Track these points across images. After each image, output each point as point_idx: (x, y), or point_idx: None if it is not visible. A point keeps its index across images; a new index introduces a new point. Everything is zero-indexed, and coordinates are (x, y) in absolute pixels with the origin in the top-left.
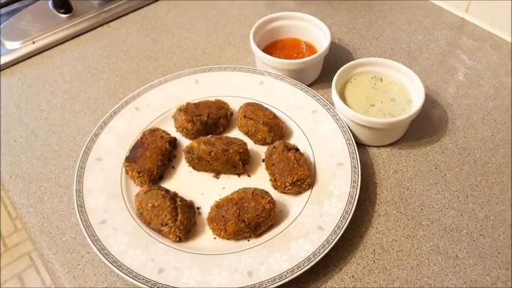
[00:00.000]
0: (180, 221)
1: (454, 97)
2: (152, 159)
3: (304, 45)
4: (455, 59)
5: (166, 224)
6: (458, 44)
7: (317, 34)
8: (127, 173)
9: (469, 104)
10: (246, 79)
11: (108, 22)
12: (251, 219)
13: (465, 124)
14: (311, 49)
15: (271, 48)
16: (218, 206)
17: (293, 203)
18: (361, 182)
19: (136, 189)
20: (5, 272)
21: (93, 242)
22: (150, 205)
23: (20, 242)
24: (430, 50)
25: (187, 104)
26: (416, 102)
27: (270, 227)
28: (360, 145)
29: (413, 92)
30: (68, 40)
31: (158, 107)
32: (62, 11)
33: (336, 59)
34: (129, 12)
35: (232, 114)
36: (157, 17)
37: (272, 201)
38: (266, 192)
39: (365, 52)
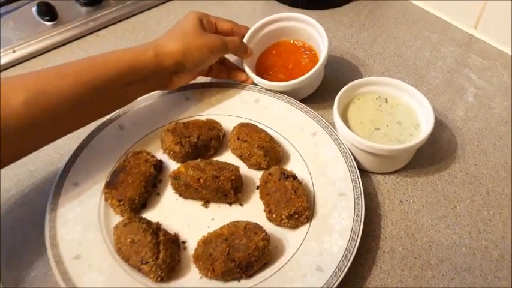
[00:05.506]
0: (162, 259)
1: (463, 120)
2: (134, 186)
3: (301, 43)
4: (464, 78)
5: (146, 262)
6: (467, 62)
7: (313, 34)
8: (106, 200)
9: (479, 128)
10: (240, 97)
11: (96, 31)
12: (242, 259)
13: (476, 150)
14: (309, 49)
15: (268, 53)
16: (206, 242)
17: (289, 238)
18: (364, 215)
19: (116, 218)
20: None
21: (64, 281)
22: (129, 240)
23: None
24: (437, 68)
25: (176, 123)
26: (425, 127)
27: (264, 265)
28: (363, 171)
29: (421, 115)
30: (51, 49)
31: (144, 125)
32: (47, 18)
33: (337, 76)
34: (119, 21)
35: (224, 135)
36: (148, 26)
37: (266, 238)
38: (260, 227)
39: (368, 69)
